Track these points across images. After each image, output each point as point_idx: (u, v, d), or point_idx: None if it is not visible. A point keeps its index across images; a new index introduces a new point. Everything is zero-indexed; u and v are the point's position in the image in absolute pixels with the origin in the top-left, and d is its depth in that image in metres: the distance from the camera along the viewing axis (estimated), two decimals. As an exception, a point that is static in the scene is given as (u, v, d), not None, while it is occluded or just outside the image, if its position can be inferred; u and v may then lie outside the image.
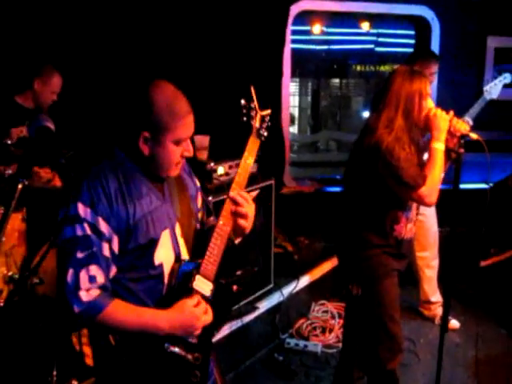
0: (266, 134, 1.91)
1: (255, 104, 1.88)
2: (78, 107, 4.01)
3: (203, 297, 1.79)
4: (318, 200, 5.61)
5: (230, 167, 3.73)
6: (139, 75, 3.91)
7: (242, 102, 1.86)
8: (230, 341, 3.55)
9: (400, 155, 2.48)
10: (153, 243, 1.75)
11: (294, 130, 12.87)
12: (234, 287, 1.88)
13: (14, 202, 2.00)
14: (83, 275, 1.63)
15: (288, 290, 4.20)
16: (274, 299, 4.08)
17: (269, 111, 1.92)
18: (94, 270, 1.65)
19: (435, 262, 4.14)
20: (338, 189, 5.83)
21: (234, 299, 1.91)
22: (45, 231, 3.12)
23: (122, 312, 1.69)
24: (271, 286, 4.15)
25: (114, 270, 1.71)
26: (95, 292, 1.64)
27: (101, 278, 1.66)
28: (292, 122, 12.69)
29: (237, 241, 1.95)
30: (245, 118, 1.87)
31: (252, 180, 3.87)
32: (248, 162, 1.87)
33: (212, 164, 3.60)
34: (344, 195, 2.81)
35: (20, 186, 1.99)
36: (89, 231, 1.65)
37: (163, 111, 1.69)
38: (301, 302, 4.34)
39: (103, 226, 1.66)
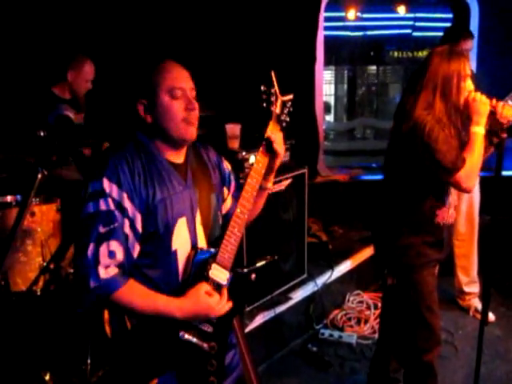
0: (287, 119, 1.87)
1: (275, 89, 1.84)
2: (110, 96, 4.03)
3: (220, 285, 1.77)
4: (352, 188, 5.53)
5: (262, 156, 3.67)
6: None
7: (262, 87, 1.83)
8: (262, 331, 3.52)
9: (439, 136, 2.37)
10: (169, 229, 1.73)
11: (329, 118, 12.76)
12: (253, 276, 1.85)
13: (34, 192, 2.00)
14: (103, 249, 1.61)
15: (322, 279, 4.14)
16: (308, 289, 4.03)
17: (290, 96, 1.88)
18: (114, 245, 1.63)
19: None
20: (373, 177, 5.74)
21: (251, 288, 1.88)
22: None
23: (136, 294, 1.66)
24: (305, 275, 4.10)
25: (137, 249, 1.70)
26: (113, 270, 1.62)
27: (120, 255, 1.64)
28: (328, 110, 12.56)
29: (268, 184, 1.95)
30: (264, 104, 1.84)
31: (285, 168, 3.82)
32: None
33: (244, 153, 3.56)
34: (384, 184, 2.73)
35: (39, 176, 1.98)
36: (112, 206, 1.63)
37: (153, 75, 1.73)
38: (335, 292, 4.29)
39: (127, 203, 1.66)
